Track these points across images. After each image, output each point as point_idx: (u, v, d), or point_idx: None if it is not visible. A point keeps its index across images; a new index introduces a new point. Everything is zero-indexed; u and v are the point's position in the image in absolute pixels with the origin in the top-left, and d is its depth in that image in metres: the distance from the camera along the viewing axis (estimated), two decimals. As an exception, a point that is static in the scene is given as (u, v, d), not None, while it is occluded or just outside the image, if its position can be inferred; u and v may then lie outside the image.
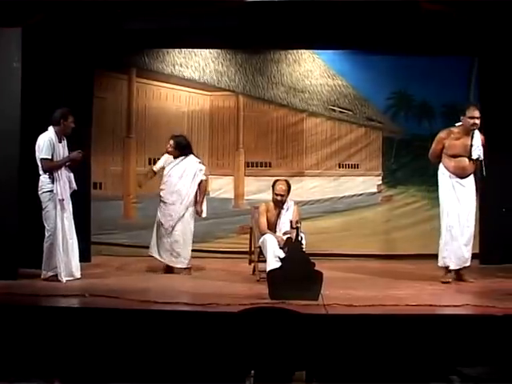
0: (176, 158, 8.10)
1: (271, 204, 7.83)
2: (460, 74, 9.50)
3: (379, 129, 9.86)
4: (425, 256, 8.86)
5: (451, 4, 7.64)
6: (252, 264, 7.93)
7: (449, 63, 9.33)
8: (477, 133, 7.33)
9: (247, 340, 4.61)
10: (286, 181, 7.89)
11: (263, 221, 7.75)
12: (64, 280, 7.26)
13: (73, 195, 7.49)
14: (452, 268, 7.40)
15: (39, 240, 7.36)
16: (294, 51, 9.77)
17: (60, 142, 7.39)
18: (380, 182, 9.84)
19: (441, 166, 7.48)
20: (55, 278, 7.27)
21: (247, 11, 8.00)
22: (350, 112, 9.86)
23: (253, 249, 7.95)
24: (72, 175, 7.46)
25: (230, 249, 9.44)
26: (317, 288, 6.30)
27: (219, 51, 9.78)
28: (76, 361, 5.36)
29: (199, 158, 8.26)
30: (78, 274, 7.45)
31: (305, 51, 9.78)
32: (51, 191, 7.28)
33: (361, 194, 9.84)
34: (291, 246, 6.69)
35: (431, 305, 6.13)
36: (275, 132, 9.83)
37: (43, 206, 7.31)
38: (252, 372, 4.50)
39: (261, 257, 7.65)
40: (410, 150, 9.61)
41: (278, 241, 7.37)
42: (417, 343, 5.42)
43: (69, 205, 7.41)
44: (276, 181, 7.89)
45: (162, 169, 8.22)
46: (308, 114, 9.83)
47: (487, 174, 7.33)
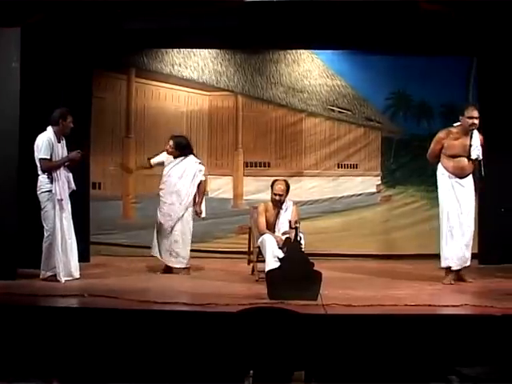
0: (176, 158, 8.11)
1: (270, 204, 7.83)
2: (458, 74, 9.51)
3: (378, 129, 9.86)
4: (424, 256, 8.88)
5: (450, 4, 7.64)
6: (251, 264, 7.92)
7: (447, 63, 9.34)
8: (475, 133, 7.33)
9: (246, 340, 4.61)
10: (285, 181, 7.89)
11: (262, 221, 7.75)
12: (63, 280, 7.26)
13: (72, 195, 7.49)
14: (454, 268, 7.39)
15: (38, 240, 7.35)
16: (293, 51, 9.78)
17: (59, 142, 7.38)
18: (379, 182, 9.84)
19: (440, 167, 7.47)
20: (54, 278, 7.27)
21: (246, 11, 8.00)
22: (349, 112, 9.86)
23: (252, 249, 7.95)
24: (71, 175, 7.45)
25: (229, 249, 9.44)
26: (316, 288, 6.30)
27: (218, 51, 9.78)
28: (75, 361, 5.35)
29: (199, 159, 8.26)
30: (77, 274, 7.44)
31: (304, 51, 9.78)
32: (50, 191, 7.27)
33: (360, 194, 9.84)
34: (290, 246, 6.68)
35: (430, 305, 6.12)
36: (274, 132, 9.83)
37: (42, 206, 7.30)
38: (251, 372, 4.50)
39: (260, 257, 7.66)
40: (409, 150, 9.61)
41: (277, 241, 7.36)
42: (416, 343, 5.42)
43: (68, 205, 7.40)
44: (275, 181, 7.89)
45: (160, 165, 8.21)
46: (307, 114, 9.83)
47: (486, 174, 7.32)
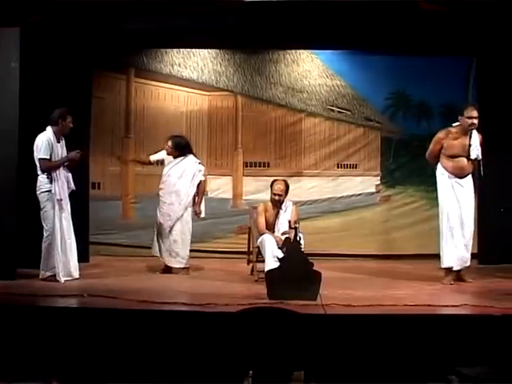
0: (175, 158, 8.11)
1: (269, 204, 7.82)
2: (458, 74, 9.51)
3: (377, 129, 9.86)
4: (423, 256, 8.88)
5: (449, 4, 7.64)
6: (250, 264, 7.92)
7: (447, 63, 9.34)
8: (475, 133, 7.33)
9: (245, 340, 4.60)
10: (284, 181, 7.89)
11: (261, 221, 7.75)
12: (62, 280, 7.26)
13: (71, 195, 7.48)
14: (455, 269, 7.39)
15: (37, 240, 7.35)
16: (293, 51, 9.77)
17: (58, 142, 7.38)
18: (378, 182, 9.84)
19: (439, 167, 7.46)
20: (53, 278, 7.26)
21: (246, 11, 8.00)
22: (349, 112, 9.86)
23: (251, 249, 7.95)
24: (70, 175, 7.45)
25: (229, 249, 9.44)
26: (315, 288, 6.30)
27: (218, 51, 9.78)
28: (74, 361, 5.35)
29: (199, 159, 8.26)
30: (77, 274, 7.44)
31: (303, 51, 9.78)
32: (49, 191, 7.27)
33: (359, 194, 9.84)
34: (290, 246, 6.68)
35: (430, 305, 6.12)
36: (273, 132, 9.83)
37: (41, 206, 7.30)
38: (250, 372, 4.50)
39: (259, 257, 7.65)
40: (409, 150, 9.61)
41: (277, 241, 7.36)
42: (415, 343, 5.42)
43: (67, 205, 7.40)
44: (274, 181, 7.90)
45: (159, 162, 8.25)
46: (306, 114, 9.83)
47: (485, 174, 7.32)
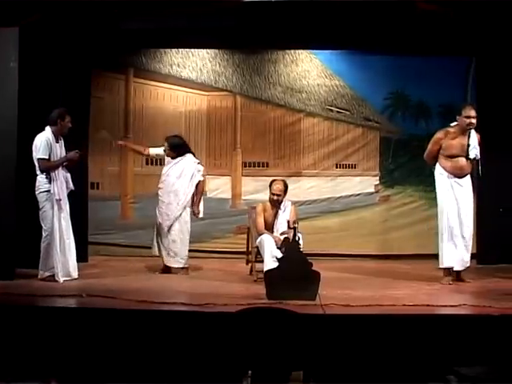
0: (174, 159, 8.11)
1: (268, 204, 7.82)
2: (457, 74, 9.50)
3: (376, 129, 9.86)
4: (422, 256, 8.88)
5: (447, 4, 7.64)
6: (249, 264, 7.92)
7: (446, 63, 9.34)
8: (473, 132, 7.32)
9: (244, 340, 4.60)
10: (283, 181, 7.89)
11: (260, 221, 7.75)
12: (61, 280, 7.26)
13: (70, 195, 7.48)
14: (456, 269, 7.38)
15: (36, 240, 7.35)
16: (292, 51, 9.77)
17: (57, 142, 7.38)
18: (377, 182, 9.83)
19: (438, 167, 7.45)
20: (52, 278, 7.26)
21: (244, 11, 8.00)
22: (348, 112, 9.86)
23: (250, 249, 7.95)
24: (69, 175, 7.45)
25: (227, 249, 9.44)
26: (314, 288, 6.30)
27: (216, 51, 9.77)
28: (73, 361, 5.35)
29: (198, 159, 8.27)
30: (75, 274, 7.44)
31: (302, 51, 9.78)
32: (48, 191, 7.27)
33: (358, 194, 9.84)
34: (288, 246, 6.68)
35: (428, 305, 6.12)
36: (272, 132, 9.82)
37: (40, 206, 7.30)
38: (249, 372, 4.50)
39: (258, 257, 7.65)
40: (408, 150, 9.60)
41: (276, 241, 7.36)
42: (414, 343, 5.42)
43: (66, 205, 7.40)
44: (273, 181, 7.90)
45: (157, 156, 8.37)
46: (305, 114, 9.83)
47: (484, 174, 7.32)
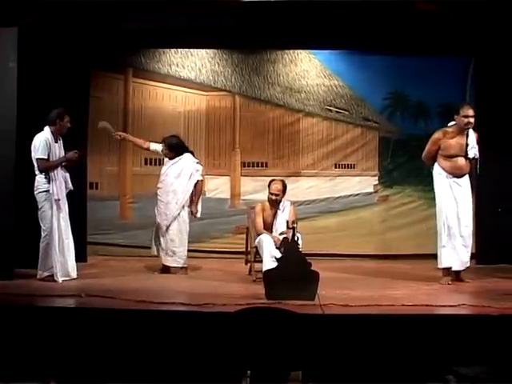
0: (172, 159, 8.11)
1: (267, 204, 7.82)
2: (456, 74, 9.50)
3: (375, 129, 9.86)
4: (421, 256, 8.88)
5: (446, 4, 7.64)
6: (248, 264, 7.92)
7: (445, 63, 9.34)
8: (471, 132, 7.33)
9: (243, 340, 4.60)
10: (282, 181, 7.89)
11: (259, 221, 7.75)
12: (60, 280, 7.26)
13: (69, 195, 7.48)
14: (456, 269, 7.37)
15: (35, 240, 7.34)
16: (291, 51, 9.76)
17: (56, 142, 7.38)
18: (376, 182, 9.83)
19: (436, 167, 7.44)
20: (51, 278, 7.26)
21: (243, 11, 8.00)
22: (347, 112, 9.85)
23: (249, 249, 7.95)
24: (68, 175, 7.46)
25: (226, 249, 9.44)
26: (313, 288, 6.30)
27: (215, 51, 9.77)
28: (72, 361, 5.35)
29: (197, 158, 8.27)
30: (74, 274, 7.44)
31: (301, 51, 9.77)
32: (47, 191, 7.27)
33: (357, 194, 9.83)
34: (287, 246, 6.68)
35: (427, 305, 6.12)
36: (271, 132, 9.82)
37: (39, 206, 7.30)
38: (248, 372, 4.50)
39: (257, 257, 7.65)
40: (407, 150, 9.59)
41: (275, 241, 7.36)
42: (413, 343, 5.42)
43: (65, 205, 7.40)
44: (272, 180, 7.90)
45: (156, 153, 8.36)
46: (304, 114, 9.82)
47: (483, 174, 7.32)
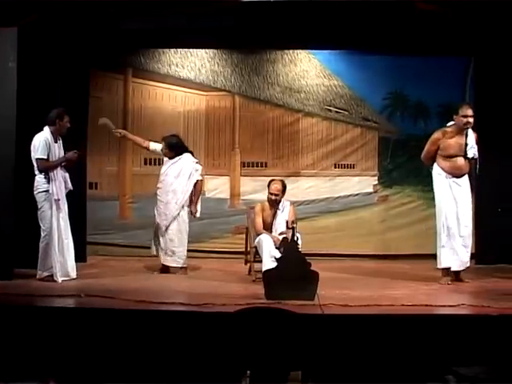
0: (172, 159, 8.11)
1: (267, 204, 7.82)
2: (455, 74, 9.50)
3: (375, 129, 9.86)
4: (420, 256, 8.89)
5: (446, 4, 7.64)
6: (248, 264, 7.92)
7: (444, 63, 9.34)
8: (470, 131, 7.33)
9: (243, 340, 4.60)
10: (282, 181, 7.89)
11: (259, 221, 7.75)
12: (59, 280, 7.26)
13: (68, 195, 7.48)
14: (453, 269, 7.37)
15: (35, 240, 7.34)
16: (290, 51, 9.76)
17: (56, 142, 7.38)
18: (376, 182, 9.83)
19: (435, 167, 7.44)
20: (51, 278, 7.26)
21: (243, 11, 8.00)
22: (346, 112, 9.85)
23: (248, 249, 7.95)
24: (67, 175, 7.46)
25: (226, 249, 9.44)
26: (312, 288, 6.30)
27: (215, 51, 9.77)
28: (71, 361, 5.35)
29: (196, 158, 8.27)
30: (74, 274, 7.44)
31: (301, 51, 9.77)
32: (47, 191, 7.27)
33: (357, 194, 9.83)
34: (287, 246, 6.68)
35: (427, 305, 6.12)
36: (271, 132, 9.82)
37: (39, 206, 7.30)
38: (248, 372, 4.50)
39: (256, 257, 7.65)
40: (406, 150, 9.59)
41: (274, 241, 7.36)
42: (412, 343, 5.42)
43: (64, 205, 7.40)
44: (271, 180, 7.90)
45: (155, 153, 8.39)
46: (304, 114, 9.82)
47: (483, 174, 7.31)
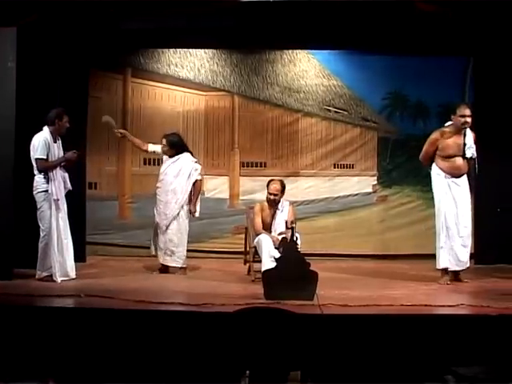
0: (172, 157, 8.11)
1: (266, 204, 7.82)
2: (455, 74, 9.50)
3: (374, 129, 9.85)
4: (420, 256, 8.89)
5: (446, 4, 7.64)
6: (247, 264, 7.91)
7: (444, 63, 9.33)
8: (468, 131, 7.33)
9: (242, 340, 4.60)
10: (281, 181, 7.89)
11: (258, 221, 7.75)
12: (59, 280, 7.25)
13: (68, 195, 7.48)
14: (452, 269, 7.38)
15: (34, 240, 7.34)
16: (290, 51, 9.76)
17: (55, 142, 7.38)
18: (375, 182, 9.83)
19: (434, 167, 7.44)
20: (50, 278, 7.26)
21: (242, 11, 8.00)
22: (346, 112, 9.85)
23: (248, 249, 7.95)
24: (67, 175, 7.46)
25: (225, 249, 9.44)
26: (312, 288, 6.30)
27: (214, 51, 9.76)
28: (71, 361, 5.35)
29: (195, 158, 8.27)
30: (73, 274, 7.44)
31: (300, 51, 9.77)
32: (46, 191, 7.27)
33: (356, 194, 9.83)
34: (286, 246, 6.68)
35: (426, 305, 6.12)
36: (270, 132, 9.82)
37: (38, 206, 7.30)
38: (247, 372, 4.50)
39: (256, 257, 7.66)
40: (405, 150, 9.58)
41: (273, 241, 7.37)
42: (412, 343, 5.43)
43: (64, 205, 7.40)
44: (270, 180, 7.90)
45: (155, 154, 8.41)
46: (303, 114, 9.82)
47: (482, 174, 7.31)
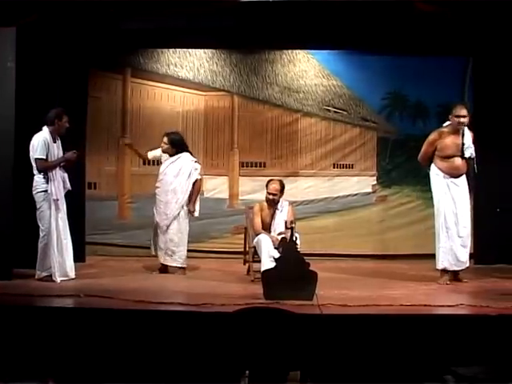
0: (172, 156, 8.11)
1: (265, 204, 7.83)
2: (454, 74, 9.50)
3: (374, 129, 9.85)
4: (419, 256, 8.89)
5: (445, 4, 7.64)
6: (246, 264, 7.92)
7: (443, 63, 9.33)
8: (467, 131, 7.33)
9: (242, 340, 4.61)
10: (280, 181, 7.89)
11: (258, 221, 7.75)
12: (58, 280, 7.25)
13: (67, 195, 7.48)
14: (451, 269, 7.38)
15: (34, 240, 7.34)
16: (289, 51, 9.76)
17: (54, 142, 7.38)
18: (375, 182, 9.83)
19: (433, 167, 7.43)
20: (49, 278, 7.26)
21: (242, 11, 8.01)
22: (345, 112, 9.85)
23: (247, 249, 7.95)
24: (66, 175, 7.45)
25: (225, 249, 9.43)
26: (311, 288, 6.30)
27: (214, 51, 9.76)
28: (70, 361, 5.35)
29: (195, 157, 8.28)
30: (73, 274, 7.44)
31: (299, 51, 9.77)
32: (46, 191, 7.27)
33: (355, 194, 9.83)
34: (286, 246, 6.68)
35: (425, 305, 6.12)
36: (270, 132, 9.82)
37: (37, 206, 7.30)
38: (247, 372, 4.50)
39: (255, 257, 7.66)
40: (405, 150, 9.57)
41: (273, 241, 7.37)
42: (411, 343, 5.43)
43: (63, 205, 7.40)
44: (269, 180, 7.90)
45: (156, 158, 8.39)
46: (303, 114, 9.82)
47: (481, 174, 7.31)
